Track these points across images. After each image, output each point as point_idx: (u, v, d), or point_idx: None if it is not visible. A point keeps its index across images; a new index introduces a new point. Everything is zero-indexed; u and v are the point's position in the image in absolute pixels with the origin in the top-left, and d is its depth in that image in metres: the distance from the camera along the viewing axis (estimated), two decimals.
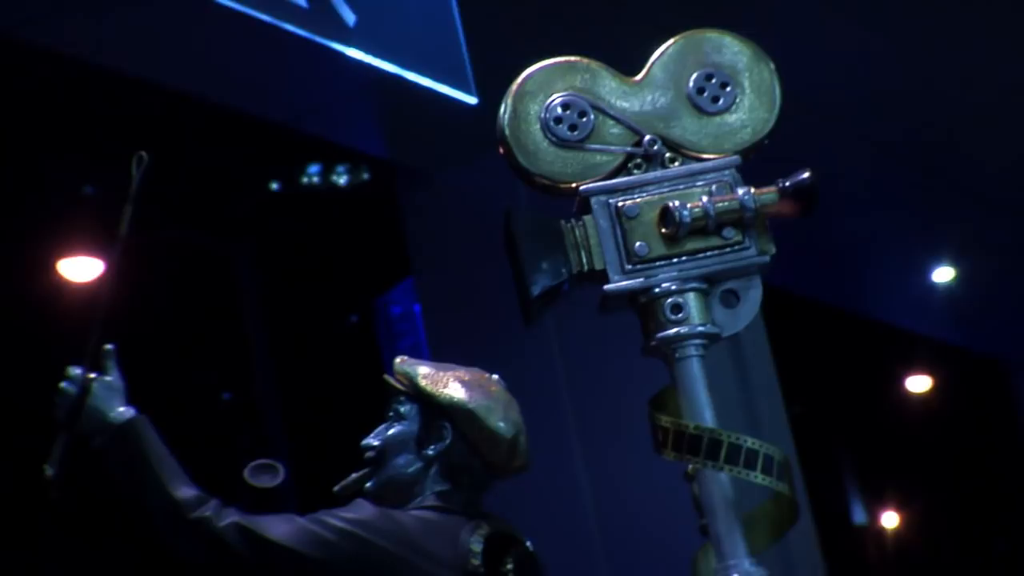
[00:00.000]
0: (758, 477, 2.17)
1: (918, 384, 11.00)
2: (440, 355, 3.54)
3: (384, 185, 7.07)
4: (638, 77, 2.38)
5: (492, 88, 4.96)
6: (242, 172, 8.19)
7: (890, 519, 11.14)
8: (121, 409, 2.67)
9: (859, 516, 10.65)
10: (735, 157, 2.33)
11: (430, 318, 5.74)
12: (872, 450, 10.37)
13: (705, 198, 2.27)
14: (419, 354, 3.84)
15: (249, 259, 9.27)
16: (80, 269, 8.80)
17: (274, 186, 8.86)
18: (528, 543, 2.78)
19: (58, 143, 7.13)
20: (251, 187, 8.78)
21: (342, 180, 8.49)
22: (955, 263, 8.91)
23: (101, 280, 2.77)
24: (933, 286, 9.11)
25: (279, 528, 2.58)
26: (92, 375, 2.68)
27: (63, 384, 2.68)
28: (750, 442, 2.17)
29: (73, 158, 7.45)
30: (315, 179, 8.66)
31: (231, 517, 2.58)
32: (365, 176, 8.38)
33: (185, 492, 2.60)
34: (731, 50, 2.38)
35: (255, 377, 9.43)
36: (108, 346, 2.73)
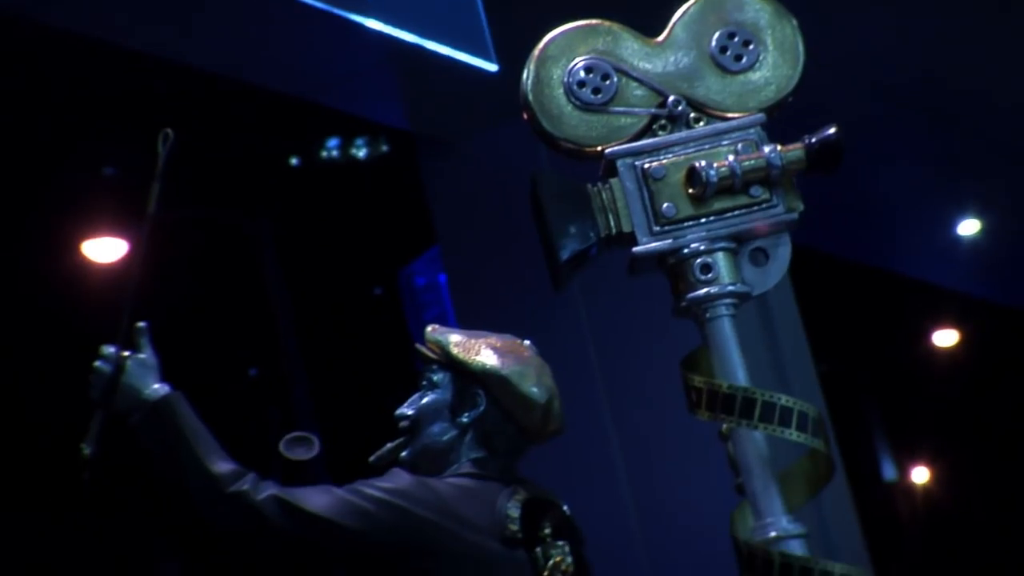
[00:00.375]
0: (793, 434, 2.17)
1: (945, 338, 10.98)
2: (467, 324, 3.55)
3: (406, 156, 7.07)
4: (660, 38, 2.37)
5: (512, 55, 4.94)
6: (263, 147, 8.20)
7: (920, 475, 11.14)
8: (156, 386, 2.68)
9: (889, 472, 10.65)
10: (760, 115, 2.33)
11: (456, 287, 5.74)
12: (901, 406, 10.37)
13: (731, 157, 2.27)
14: (445, 324, 3.83)
15: (272, 235, 9.29)
16: (104, 250, 8.84)
17: (295, 160, 8.87)
18: (565, 507, 2.79)
19: (80, 124, 7.14)
20: (273, 162, 8.80)
21: (364, 152, 8.50)
22: (981, 216, 8.86)
23: (131, 258, 2.77)
24: (959, 239, 9.06)
25: (317, 500, 2.58)
26: (126, 353, 2.69)
27: (97, 363, 2.69)
28: (784, 399, 2.17)
29: (95, 139, 7.46)
30: (336, 152, 8.67)
31: (269, 490, 2.58)
32: (387, 147, 8.38)
33: (222, 466, 2.60)
34: (753, 7, 2.37)
35: (281, 352, 9.46)
36: (140, 324, 2.74)
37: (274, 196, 8.98)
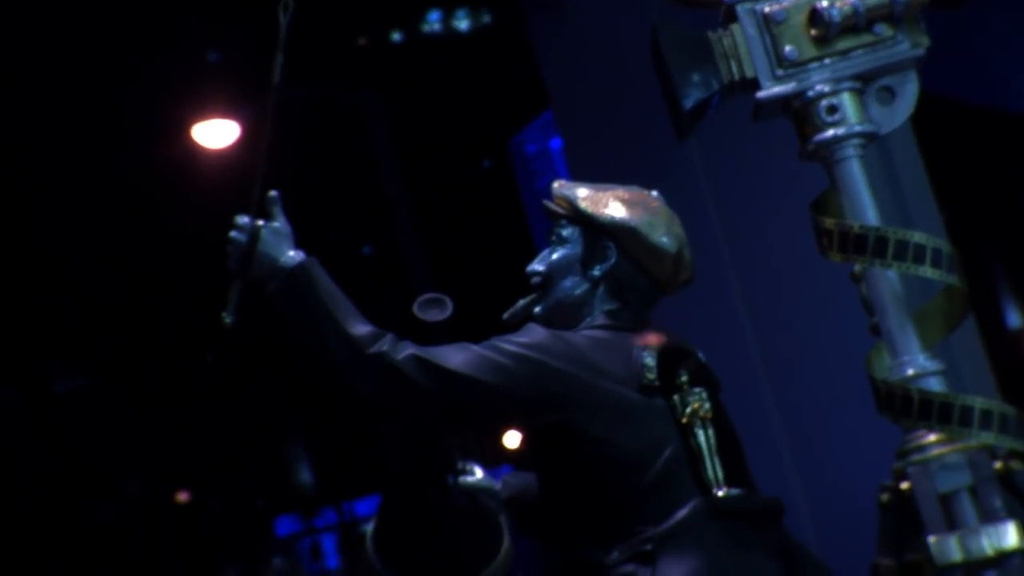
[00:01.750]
0: (928, 271, 2.16)
1: None
2: None
3: (512, 20, 7.03)
4: None
5: None
6: (369, 22, 8.20)
7: None
8: (291, 253, 2.71)
9: (1013, 320, 10.53)
10: None
11: (571, 150, 5.72)
12: None
13: None
14: None
15: (381, 110, 9.33)
16: (214, 133, 8.94)
17: (401, 33, 8.86)
18: (700, 355, 2.80)
19: (187, 7, 7.18)
20: (379, 36, 8.79)
21: (469, 20, 8.46)
22: None
23: (259, 129, 2.77)
24: None
25: (456, 357, 2.61)
26: (260, 222, 2.73)
27: (232, 233, 2.72)
28: (917, 236, 2.16)
29: (202, 23, 7.51)
30: (440, 23, 8.63)
31: (408, 350, 2.61)
32: (492, 13, 8.33)
33: (360, 329, 2.63)
34: None
35: (394, 229, 9.54)
36: (273, 193, 2.77)
37: (382, 71, 8.99)
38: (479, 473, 2.93)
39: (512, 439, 5.10)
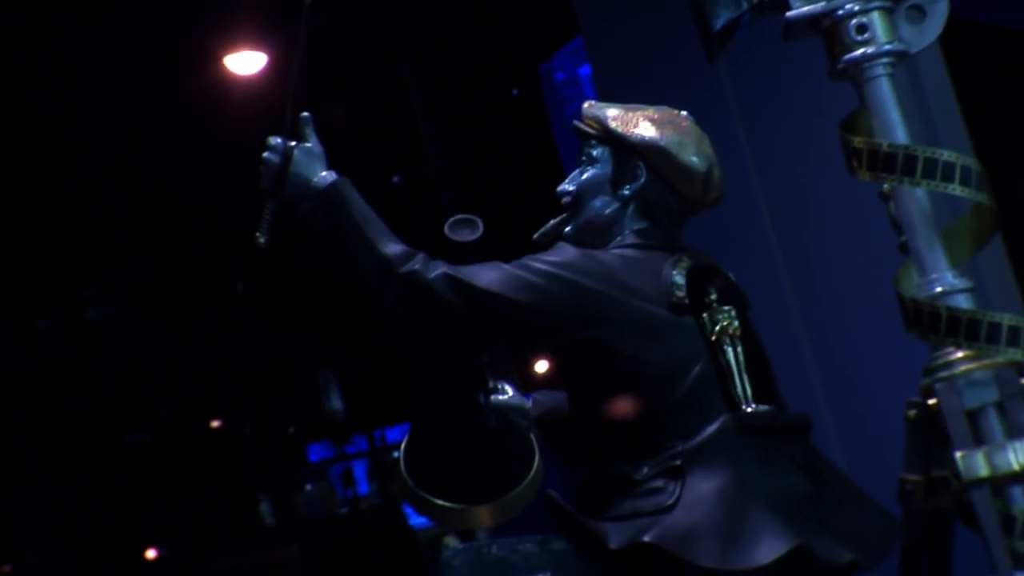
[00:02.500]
0: (956, 189, 2.17)
1: None
2: None
3: None
4: None
5: None
6: None
7: None
8: (324, 174, 2.73)
9: None
10: None
11: (600, 76, 5.70)
12: None
13: None
14: None
15: (410, 39, 9.30)
16: (244, 62, 8.96)
17: None
18: (730, 274, 2.82)
19: None
20: None
21: None
22: None
23: (294, 52, 2.78)
24: None
25: (487, 276, 2.63)
26: (292, 143, 2.75)
27: (265, 154, 2.74)
28: (946, 155, 2.17)
29: None
30: None
31: (439, 268, 2.63)
32: None
33: (393, 248, 2.65)
34: None
35: (424, 158, 9.54)
36: (305, 114, 2.78)
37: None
38: (510, 392, 2.96)
39: (542, 362, 5.13)
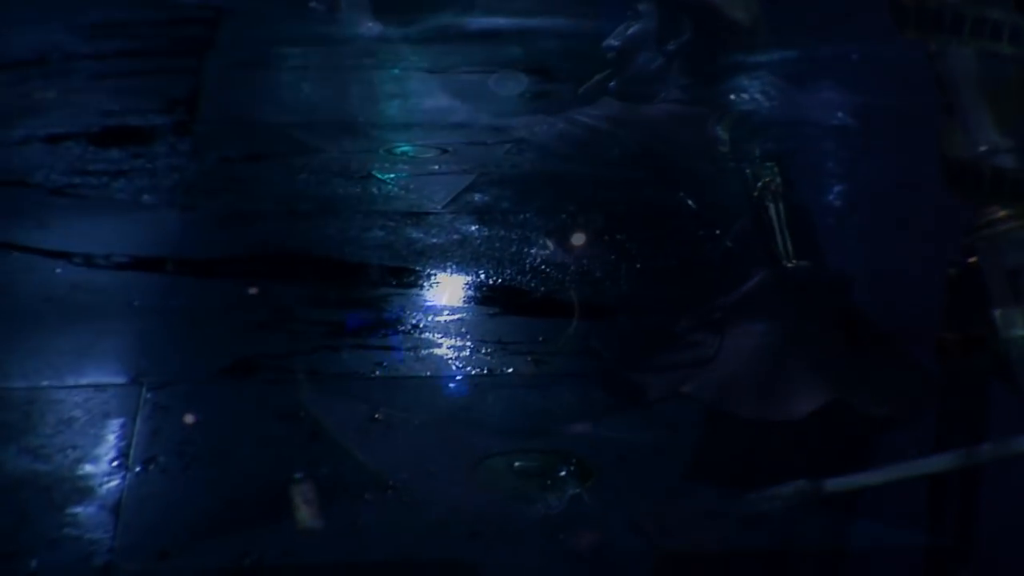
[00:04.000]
0: (1005, 48, 2.14)
1: None
2: None
3: None
4: None
5: None
6: None
7: None
8: None
9: None
10: None
11: None
12: None
13: None
14: None
15: None
16: None
17: None
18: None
19: None
20: None
21: None
22: None
23: None
24: None
25: None
26: None
27: None
28: (996, 13, 2.13)
29: None
30: None
31: None
32: None
33: None
34: None
35: None
36: None
37: None
38: None
39: None
